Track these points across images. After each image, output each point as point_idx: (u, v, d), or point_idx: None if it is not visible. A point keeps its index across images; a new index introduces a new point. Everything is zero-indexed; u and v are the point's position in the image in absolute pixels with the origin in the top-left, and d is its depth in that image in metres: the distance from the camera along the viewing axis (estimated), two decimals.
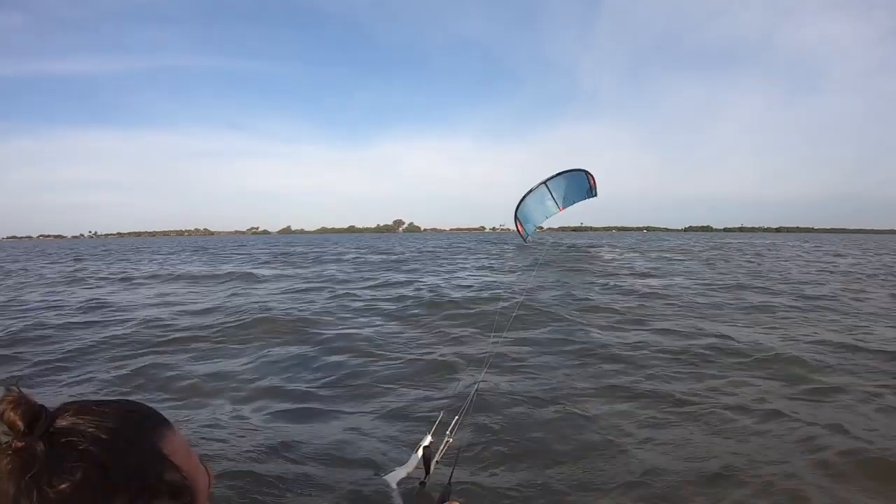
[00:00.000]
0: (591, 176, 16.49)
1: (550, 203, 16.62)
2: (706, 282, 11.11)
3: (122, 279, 13.30)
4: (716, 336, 5.61)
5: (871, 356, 4.87)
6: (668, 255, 21.05)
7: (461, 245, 35.80)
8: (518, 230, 19.98)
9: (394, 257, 21.45)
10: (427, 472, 1.48)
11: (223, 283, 11.97)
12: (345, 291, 9.74)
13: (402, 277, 12.43)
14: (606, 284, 10.46)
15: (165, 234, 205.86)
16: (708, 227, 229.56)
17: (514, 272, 13.77)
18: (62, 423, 0.48)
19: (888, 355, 4.86)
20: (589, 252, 24.21)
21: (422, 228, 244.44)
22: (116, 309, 8.07)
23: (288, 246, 37.50)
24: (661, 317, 6.89)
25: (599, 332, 5.93)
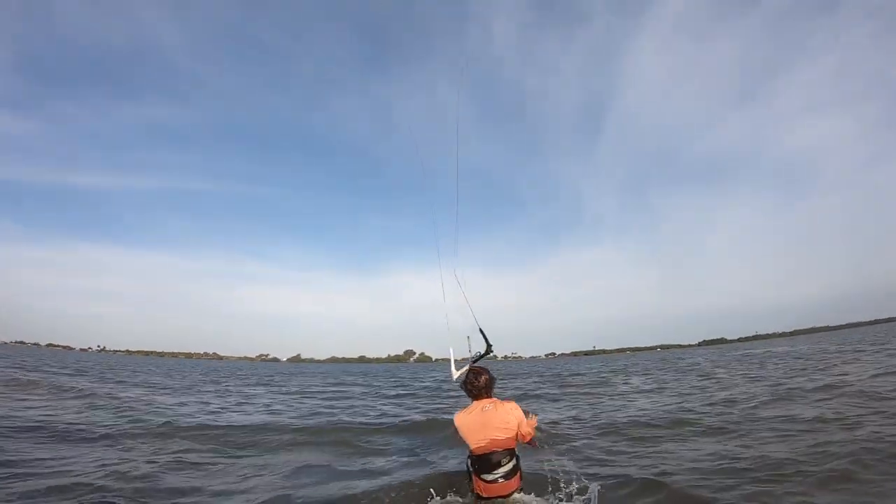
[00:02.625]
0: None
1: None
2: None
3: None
4: None
5: None
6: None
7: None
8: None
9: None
10: None
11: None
12: None
13: None
14: None
15: (174, 355, 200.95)
16: (722, 338, 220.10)
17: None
18: None
19: None
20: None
21: (433, 359, 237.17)
22: None
23: (332, 377, 34.62)
24: None
25: None
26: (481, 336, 4.50)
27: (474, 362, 4.38)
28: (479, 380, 4.06)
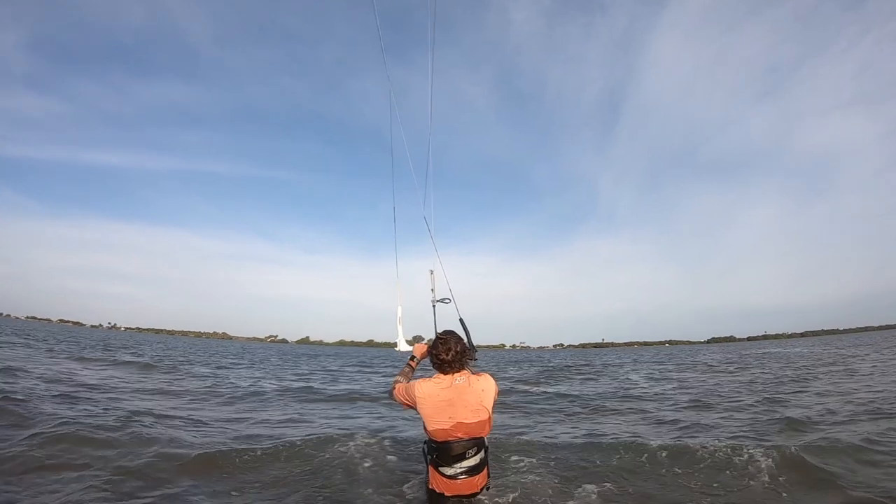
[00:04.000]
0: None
1: None
2: None
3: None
4: None
5: None
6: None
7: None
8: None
9: None
10: None
11: None
12: None
13: None
14: None
15: (184, 333, 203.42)
16: (731, 337, 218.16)
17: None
18: None
19: None
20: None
21: None
22: None
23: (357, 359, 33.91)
24: None
25: None
26: (462, 329, 3.50)
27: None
28: (446, 352, 3.04)
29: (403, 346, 3.88)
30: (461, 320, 3.62)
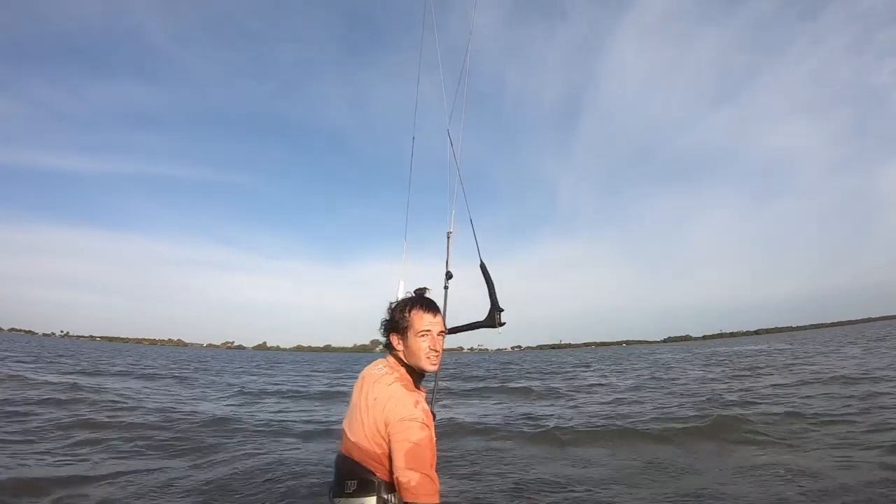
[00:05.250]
0: None
1: None
2: None
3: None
4: None
5: None
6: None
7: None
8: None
9: None
10: None
11: None
12: None
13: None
14: None
15: (139, 341, 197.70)
16: (687, 336, 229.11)
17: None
18: None
19: None
20: None
21: None
22: None
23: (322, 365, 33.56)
24: None
25: None
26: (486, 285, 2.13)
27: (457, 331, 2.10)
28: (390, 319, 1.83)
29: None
30: (483, 265, 2.20)
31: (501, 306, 2.05)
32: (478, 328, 2.09)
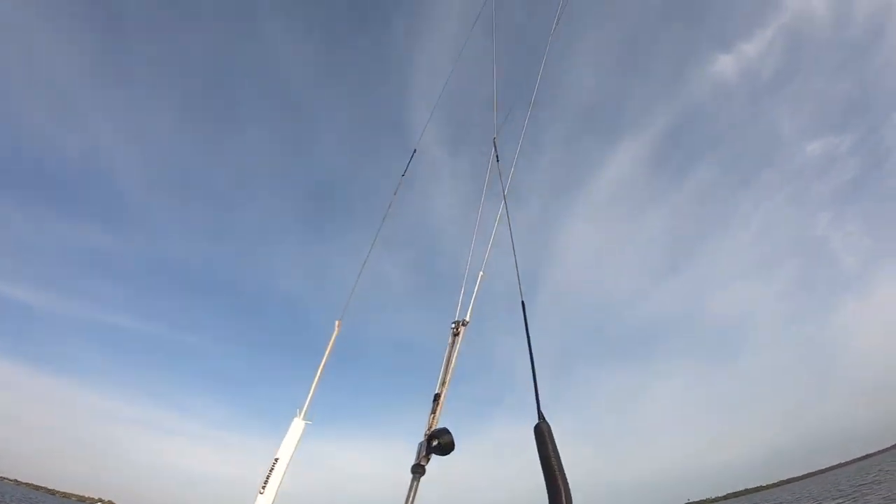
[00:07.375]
0: None
1: None
2: None
3: None
4: None
5: None
6: None
7: None
8: None
9: None
10: None
11: None
12: None
13: None
14: None
15: (65, 495, 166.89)
16: None
17: None
18: None
19: None
20: None
21: None
22: None
23: None
24: None
25: None
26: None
27: None
28: None
29: None
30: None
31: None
32: None
